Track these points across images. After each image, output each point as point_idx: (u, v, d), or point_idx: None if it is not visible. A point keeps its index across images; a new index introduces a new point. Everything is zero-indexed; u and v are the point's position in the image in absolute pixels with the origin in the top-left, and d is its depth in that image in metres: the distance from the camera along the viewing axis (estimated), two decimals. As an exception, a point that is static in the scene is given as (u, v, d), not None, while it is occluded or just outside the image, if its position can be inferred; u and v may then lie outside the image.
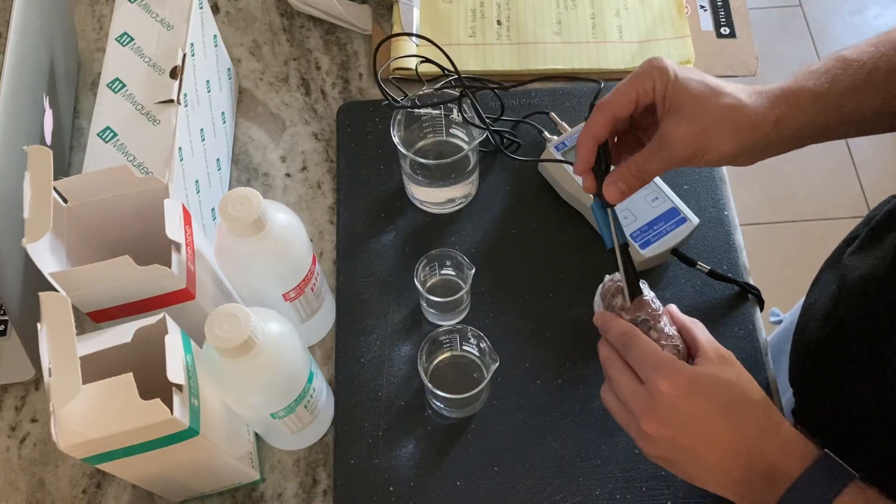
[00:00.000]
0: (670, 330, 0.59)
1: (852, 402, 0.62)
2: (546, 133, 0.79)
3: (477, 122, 0.74)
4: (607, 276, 0.67)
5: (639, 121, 0.61)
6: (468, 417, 0.69)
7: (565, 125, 0.80)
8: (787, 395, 0.76)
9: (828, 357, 0.67)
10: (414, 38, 0.86)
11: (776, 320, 0.90)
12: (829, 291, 0.68)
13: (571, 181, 0.76)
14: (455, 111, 0.75)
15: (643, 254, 0.72)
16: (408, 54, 0.84)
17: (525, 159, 0.79)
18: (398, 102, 0.74)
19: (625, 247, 0.61)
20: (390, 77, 0.84)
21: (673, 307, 0.60)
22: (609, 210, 0.60)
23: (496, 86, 0.79)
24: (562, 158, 0.76)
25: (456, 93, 0.74)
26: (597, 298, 0.67)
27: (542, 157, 0.78)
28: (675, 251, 0.73)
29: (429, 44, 0.76)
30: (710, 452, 0.51)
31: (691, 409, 0.51)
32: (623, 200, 0.60)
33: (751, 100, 0.57)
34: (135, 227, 0.61)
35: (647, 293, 0.62)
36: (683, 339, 0.58)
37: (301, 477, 0.69)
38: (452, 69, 0.75)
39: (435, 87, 0.74)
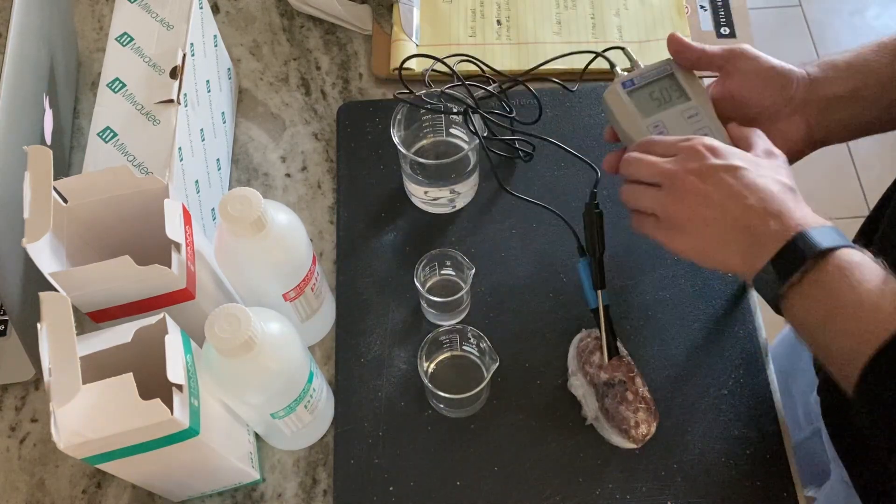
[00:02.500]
0: (644, 391, 0.61)
1: None
2: (618, 69, 0.72)
3: (486, 133, 0.73)
4: (583, 329, 0.68)
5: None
6: (468, 417, 0.69)
7: (639, 62, 0.71)
8: (811, 393, 0.76)
9: None
10: (415, 39, 0.86)
11: None
12: None
13: (630, 121, 0.68)
14: (466, 121, 0.73)
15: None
16: (410, 55, 0.84)
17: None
18: (413, 94, 0.73)
19: (607, 308, 0.64)
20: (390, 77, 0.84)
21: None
22: (594, 270, 0.65)
23: (500, 89, 0.78)
24: (627, 98, 0.69)
25: (460, 94, 0.74)
26: (571, 351, 0.68)
27: (608, 92, 0.70)
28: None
29: (431, 46, 0.75)
30: (735, 206, 0.54)
31: (729, 168, 0.55)
32: None
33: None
34: (135, 227, 0.61)
35: (622, 351, 0.63)
36: (737, 142, 0.60)
37: (301, 477, 0.69)
38: (457, 74, 0.75)
39: (442, 88, 0.73)
